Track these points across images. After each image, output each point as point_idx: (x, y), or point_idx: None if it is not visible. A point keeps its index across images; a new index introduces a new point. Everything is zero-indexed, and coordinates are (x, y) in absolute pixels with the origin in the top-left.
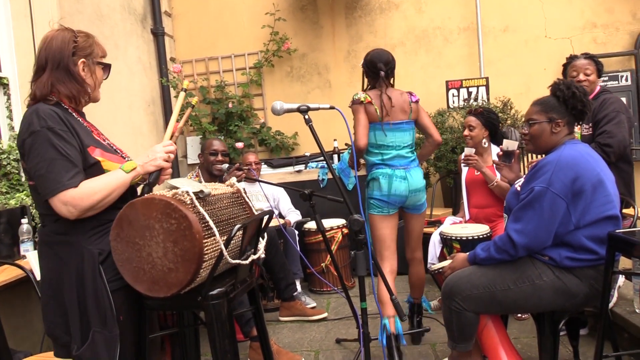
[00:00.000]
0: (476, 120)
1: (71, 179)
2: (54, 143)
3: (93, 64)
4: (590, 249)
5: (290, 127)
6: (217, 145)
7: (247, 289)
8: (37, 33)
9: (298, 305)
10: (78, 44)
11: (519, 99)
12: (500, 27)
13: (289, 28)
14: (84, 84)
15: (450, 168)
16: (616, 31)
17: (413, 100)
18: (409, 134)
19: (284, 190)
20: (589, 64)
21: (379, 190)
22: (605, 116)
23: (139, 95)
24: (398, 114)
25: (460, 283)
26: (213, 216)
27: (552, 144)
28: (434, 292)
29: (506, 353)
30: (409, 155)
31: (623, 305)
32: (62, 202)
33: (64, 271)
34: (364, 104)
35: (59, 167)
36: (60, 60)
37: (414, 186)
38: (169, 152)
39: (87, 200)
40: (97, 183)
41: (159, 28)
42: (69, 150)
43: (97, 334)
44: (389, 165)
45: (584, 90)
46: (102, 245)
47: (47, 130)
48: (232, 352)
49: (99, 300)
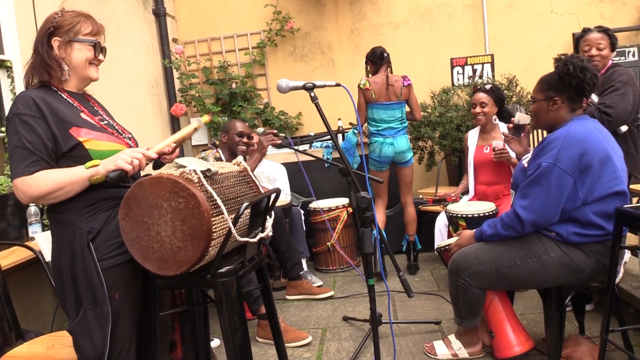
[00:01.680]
0: (488, 97)
1: (25, 167)
2: (18, 131)
3: (67, 41)
4: (598, 225)
5: (294, 107)
6: (243, 127)
7: (255, 267)
8: (38, 15)
9: (304, 284)
10: (56, 23)
11: (524, 76)
12: (506, 3)
13: (291, 7)
14: (57, 63)
15: (455, 146)
16: (623, 6)
17: (405, 85)
18: (399, 111)
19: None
20: (602, 37)
21: (374, 153)
22: (611, 86)
23: (142, 77)
24: (391, 96)
25: (467, 259)
26: (221, 194)
27: (552, 121)
28: (440, 269)
29: (512, 329)
30: (397, 126)
31: (629, 280)
32: (15, 187)
33: (61, 248)
34: (362, 90)
35: (17, 154)
36: (37, 43)
37: (398, 149)
38: (134, 157)
39: (35, 189)
40: (51, 175)
41: (161, 8)
42: (30, 138)
43: (89, 311)
44: (381, 134)
45: (582, 66)
46: (93, 223)
47: (15, 117)
48: (242, 330)
49: (89, 278)
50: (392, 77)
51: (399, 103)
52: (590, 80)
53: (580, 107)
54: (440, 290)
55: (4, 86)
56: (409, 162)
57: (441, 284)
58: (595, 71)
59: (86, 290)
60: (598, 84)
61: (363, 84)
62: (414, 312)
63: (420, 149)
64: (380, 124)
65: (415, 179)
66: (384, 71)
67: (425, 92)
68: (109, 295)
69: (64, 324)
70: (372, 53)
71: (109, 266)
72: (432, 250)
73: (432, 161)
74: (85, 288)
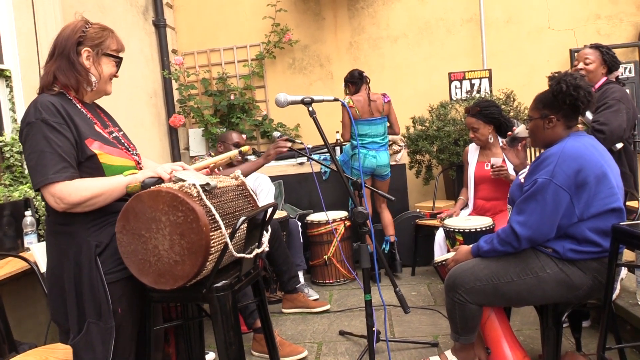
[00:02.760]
0: (477, 121)
1: (57, 172)
2: (45, 135)
3: (99, 54)
4: (594, 242)
5: (293, 119)
6: (239, 138)
7: (251, 281)
8: (39, 25)
9: (301, 298)
10: (87, 33)
11: (522, 91)
12: (503, 18)
13: (290, 19)
14: (85, 73)
15: (452, 160)
16: (620, 22)
17: (385, 101)
18: (381, 126)
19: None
20: (591, 53)
21: (356, 162)
22: (604, 104)
23: (141, 88)
24: (374, 112)
25: (463, 275)
26: (219, 209)
27: (549, 139)
28: (436, 284)
29: (509, 345)
30: (380, 141)
31: (625, 297)
32: (50, 194)
33: (64, 261)
34: (348, 107)
35: (47, 160)
36: (64, 48)
37: (380, 163)
38: (173, 169)
39: (75, 195)
40: (91, 182)
41: (161, 20)
42: (60, 143)
43: (92, 325)
44: (365, 147)
45: (575, 84)
46: (100, 237)
47: (41, 122)
48: (237, 344)
49: (95, 292)
50: (372, 94)
51: (381, 118)
52: (584, 97)
53: (574, 125)
54: (437, 305)
55: (2, 95)
56: (387, 175)
57: (438, 298)
58: (589, 88)
59: (91, 304)
60: (593, 100)
61: (347, 102)
62: (410, 327)
63: (417, 163)
64: (365, 138)
65: (413, 193)
66: (364, 90)
67: (423, 106)
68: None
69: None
70: (350, 75)
71: (114, 280)
72: (429, 265)
73: (429, 175)
74: (91, 302)
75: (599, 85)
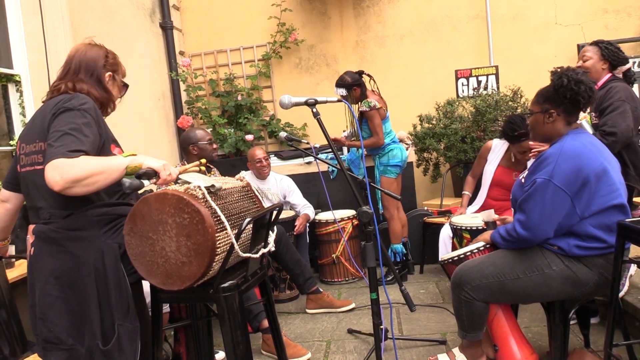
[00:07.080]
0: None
1: (71, 151)
2: (79, 121)
3: (116, 79)
4: (599, 237)
5: (300, 118)
6: (207, 133)
7: (258, 281)
8: (47, 29)
9: (325, 297)
10: (108, 60)
11: (529, 87)
12: (510, 14)
13: (296, 19)
14: (111, 94)
15: (460, 158)
16: (628, 17)
17: None
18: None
19: (293, 183)
20: (589, 49)
21: (396, 158)
22: (610, 105)
23: (149, 90)
24: (387, 108)
25: (470, 273)
26: (224, 210)
27: (549, 133)
28: (444, 281)
29: (517, 342)
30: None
31: (634, 293)
32: (52, 167)
33: (80, 267)
34: (377, 109)
35: (68, 139)
36: (94, 70)
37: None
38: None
39: (76, 170)
40: (92, 160)
41: (168, 22)
42: (87, 133)
43: (121, 327)
44: (395, 142)
45: (577, 78)
46: (119, 239)
47: (82, 111)
48: (244, 343)
49: (122, 293)
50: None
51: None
52: (585, 92)
53: (575, 121)
54: (445, 302)
55: (12, 100)
56: None
57: (446, 296)
58: (591, 84)
59: (119, 306)
60: (594, 97)
61: (374, 105)
62: (418, 324)
63: (425, 161)
64: (391, 133)
65: (420, 191)
66: (371, 88)
67: (430, 103)
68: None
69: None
70: (353, 79)
71: (131, 282)
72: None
73: (437, 173)
74: (119, 304)
75: (603, 83)
